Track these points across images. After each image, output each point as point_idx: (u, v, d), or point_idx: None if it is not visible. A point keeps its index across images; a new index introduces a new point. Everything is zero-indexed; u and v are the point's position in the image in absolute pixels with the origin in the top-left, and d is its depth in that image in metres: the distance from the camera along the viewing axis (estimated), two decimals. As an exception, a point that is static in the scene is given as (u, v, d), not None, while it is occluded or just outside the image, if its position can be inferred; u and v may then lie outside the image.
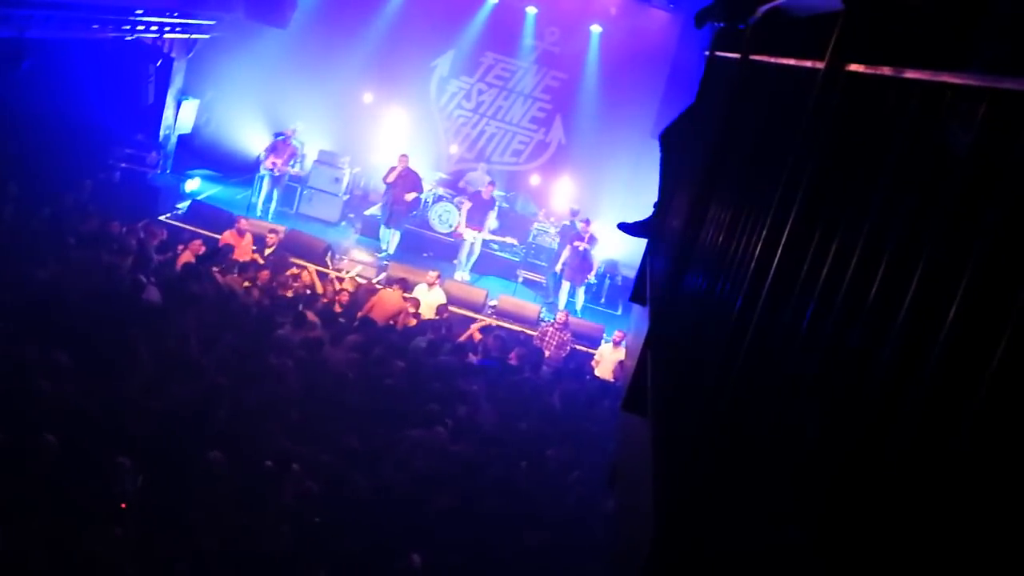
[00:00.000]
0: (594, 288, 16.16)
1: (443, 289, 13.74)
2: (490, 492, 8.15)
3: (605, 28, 17.82)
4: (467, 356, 11.49)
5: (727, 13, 4.42)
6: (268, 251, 13.49)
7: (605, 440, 9.04)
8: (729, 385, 2.18)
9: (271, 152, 16.35)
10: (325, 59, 17.80)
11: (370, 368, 10.10)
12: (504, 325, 13.92)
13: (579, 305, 15.82)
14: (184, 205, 15.83)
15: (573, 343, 13.63)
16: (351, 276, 13.87)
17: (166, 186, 15.81)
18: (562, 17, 18.06)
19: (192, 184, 16.70)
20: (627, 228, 6.44)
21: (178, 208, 15.73)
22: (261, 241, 13.60)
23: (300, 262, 13.52)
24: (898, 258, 1.39)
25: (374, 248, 16.35)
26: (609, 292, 16.55)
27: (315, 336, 10.42)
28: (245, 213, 15.84)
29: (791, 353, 1.79)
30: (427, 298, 13.22)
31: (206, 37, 16.13)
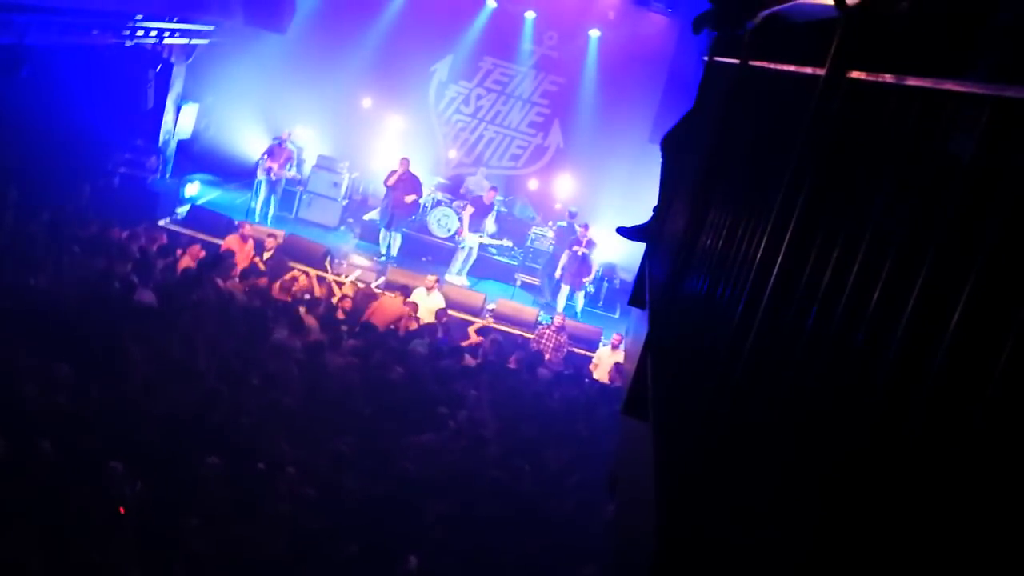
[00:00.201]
0: (592, 292, 16.16)
1: (442, 293, 13.75)
2: (489, 496, 8.15)
3: (603, 33, 17.83)
4: (465, 360, 11.49)
5: (719, 23, 4.44)
6: (267, 255, 13.50)
7: (604, 443, 9.03)
8: (731, 389, 2.19)
9: (267, 156, 16.36)
10: (324, 64, 17.82)
11: (370, 373, 10.09)
12: (502, 328, 13.92)
13: (579, 308, 15.83)
14: (184, 210, 15.84)
15: (570, 346, 13.63)
16: (350, 280, 13.87)
17: (166, 191, 15.81)
18: (560, 22, 18.08)
19: (191, 189, 16.71)
20: (626, 232, 6.45)
21: (178, 213, 15.74)
22: (260, 246, 13.60)
23: (299, 266, 13.53)
24: (900, 264, 1.40)
25: (373, 252, 16.34)
26: (607, 295, 16.55)
27: (315, 341, 10.42)
28: (244, 217, 15.85)
29: (793, 357, 1.80)
30: (426, 302, 13.22)
31: (205, 42, 16.15)
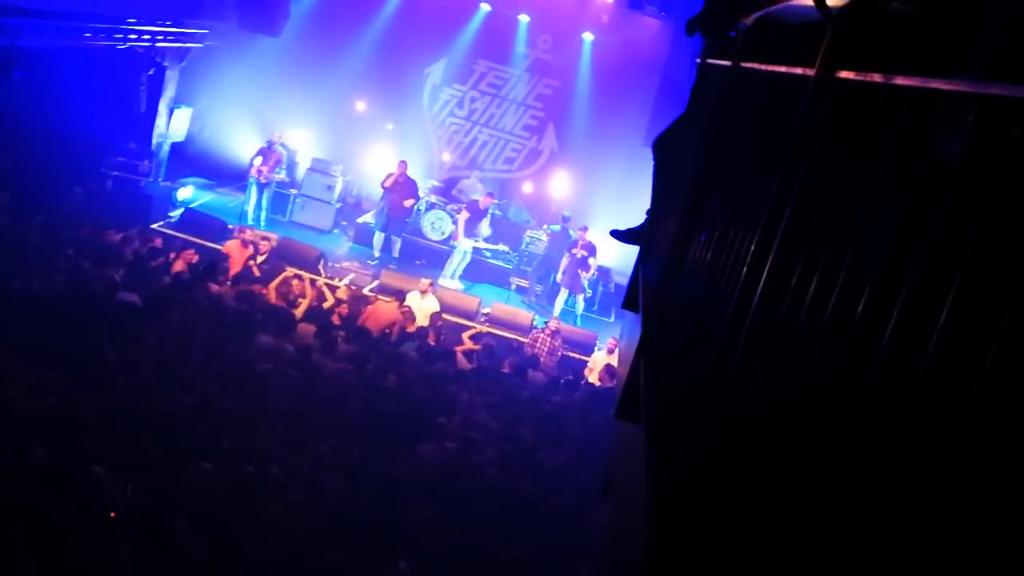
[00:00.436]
0: (588, 295, 16.17)
1: (436, 297, 13.73)
2: (482, 499, 8.13)
3: (597, 36, 17.86)
4: (458, 364, 11.48)
5: (712, 25, 4.45)
6: (261, 259, 13.49)
7: (599, 447, 9.02)
8: (722, 391, 2.19)
9: (258, 159, 16.35)
10: (318, 67, 17.82)
11: (364, 378, 10.07)
12: (496, 332, 13.91)
13: (579, 311, 15.85)
14: (177, 213, 15.83)
15: (564, 350, 13.63)
16: (344, 284, 13.85)
17: (159, 194, 15.80)
18: (554, 25, 18.10)
19: (185, 192, 16.70)
20: (620, 235, 6.45)
21: (171, 216, 15.72)
22: (254, 249, 13.59)
23: (293, 270, 13.51)
24: (889, 265, 1.39)
25: (367, 256, 16.33)
26: (602, 299, 16.56)
27: (308, 345, 10.40)
28: (237, 221, 15.84)
29: (783, 358, 1.79)
30: (420, 306, 13.20)
31: (199, 46, 16.14)
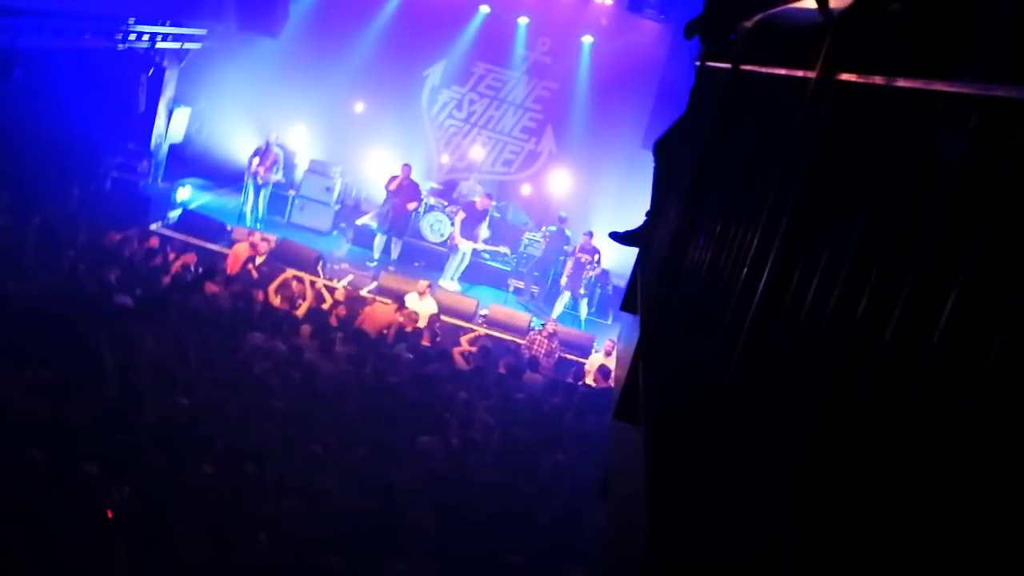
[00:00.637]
0: (584, 296, 16.19)
1: (434, 298, 13.73)
2: (479, 500, 8.12)
3: (596, 39, 17.87)
4: (454, 364, 11.48)
5: (711, 27, 4.45)
6: (259, 260, 13.48)
7: (596, 448, 9.02)
8: (722, 391, 2.19)
9: (255, 160, 16.35)
10: (317, 69, 17.82)
11: (362, 379, 10.07)
12: (494, 334, 13.91)
13: (583, 315, 15.86)
14: (175, 214, 15.82)
15: (561, 351, 13.63)
16: (342, 285, 13.85)
17: (157, 195, 15.78)
18: (554, 28, 18.11)
19: (183, 193, 16.68)
20: (618, 237, 6.44)
21: (169, 217, 15.71)
22: (253, 251, 13.59)
23: (292, 271, 13.50)
24: (889, 266, 1.40)
25: (366, 257, 16.33)
26: (600, 302, 16.57)
27: (307, 347, 10.40)
28: (236, 222, 15.84)
29: (782, 359, 1.79)
30: (418, 307, 13.19)
31: (198, 46, 16.13)
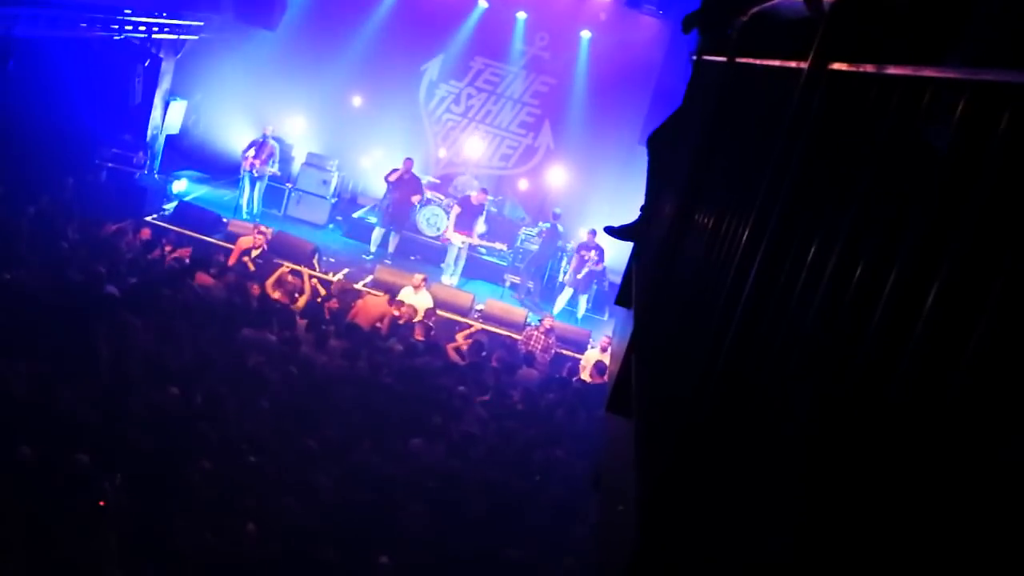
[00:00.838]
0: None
1: (430, 292, 13.72)
2: (471, 495, 8.13)
3: (595, 34, 17.85)
4: (448, 359, 11.48)
5: (708, 21, 4.45)
6: (255, 253, 13.46)
7: (590, 443, 9.03)
8: (713, 382, 2.18)
9: (251, 151, 16.33)
10: (314, 62, 17.79)
11: (356, 372, 10.06)
12: (490, 329, 13.91)
13: (580, 312, 15.86)
14: (171, 206, 15.79)
15: (558, 347, 13.64)
16: (338, 278, 13.84)
17: (153, 187, 15.76)
18: (552, 22, 18.09)
19: (179, 185, 16.66)
20: (614, 232, 6.45)
21: (165, 209, 15.69)
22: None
23: (289, 265, 13.49)
24: (878, 254, 1.39)
25: (362, 251, 16.32)
26: (596, 298, 16.57)
27: (300, 339, 10.39)
28: (232, 214, 15.82)
29: (772, 348, 1.79)
30: (413, 301, 13.18)
31: (195, 38, 16.09)
